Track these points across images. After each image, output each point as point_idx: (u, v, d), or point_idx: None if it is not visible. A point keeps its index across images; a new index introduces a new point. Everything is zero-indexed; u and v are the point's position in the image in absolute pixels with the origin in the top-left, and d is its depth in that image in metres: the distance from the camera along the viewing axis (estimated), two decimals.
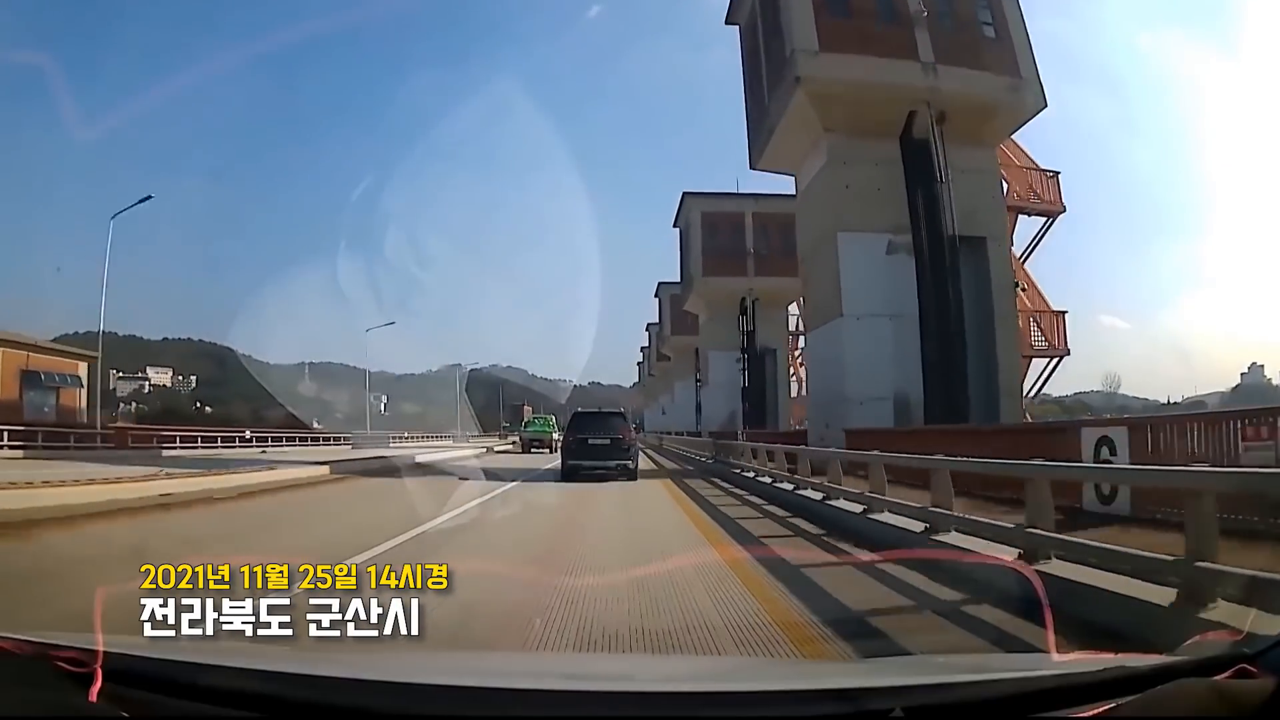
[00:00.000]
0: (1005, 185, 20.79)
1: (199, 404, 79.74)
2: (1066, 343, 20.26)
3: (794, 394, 40.93)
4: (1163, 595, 3.93)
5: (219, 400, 78.16)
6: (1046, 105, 19.66)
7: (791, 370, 40.95)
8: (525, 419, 51.32)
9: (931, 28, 18.85)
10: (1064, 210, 21.33)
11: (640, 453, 20.57)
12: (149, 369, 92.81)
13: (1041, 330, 20.72)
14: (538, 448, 32.12)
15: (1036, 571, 4.17)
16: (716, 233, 38.98)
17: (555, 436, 30.96)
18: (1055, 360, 20.36)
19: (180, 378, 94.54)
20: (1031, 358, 20.27)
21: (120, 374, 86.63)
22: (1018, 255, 21.38)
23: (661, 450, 37.44)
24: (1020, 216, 21.01)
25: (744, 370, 38.26)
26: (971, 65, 18.90)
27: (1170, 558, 4.08)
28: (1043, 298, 20.93)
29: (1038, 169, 21.72)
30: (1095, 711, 1.33)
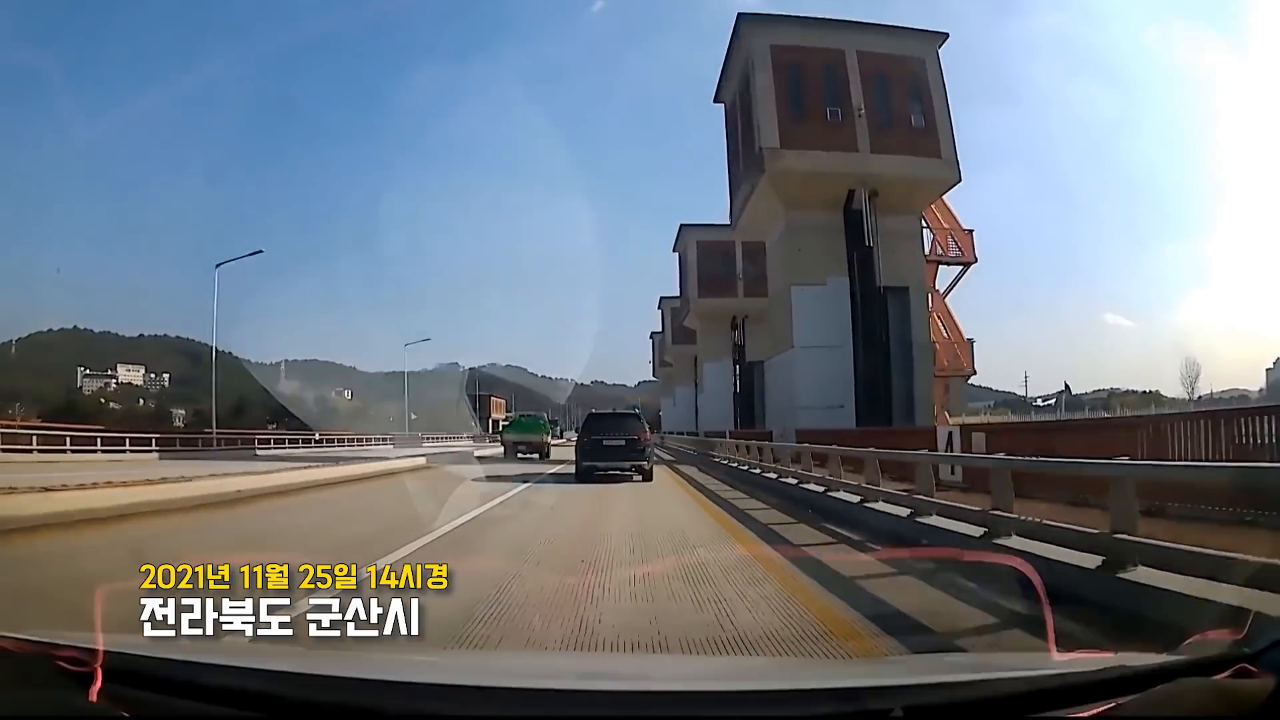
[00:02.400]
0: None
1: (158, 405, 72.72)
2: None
3: None
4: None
5: (190, 399, 71.81)
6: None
7: None
8: (505, 417, 46.34)
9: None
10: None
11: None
12: (120, 366, 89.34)
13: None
14: (525, 453, 25.52)
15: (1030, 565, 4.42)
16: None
17: (549, 439, 27.39)
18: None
19: (152, 376, 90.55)
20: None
21: (87, 371, 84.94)
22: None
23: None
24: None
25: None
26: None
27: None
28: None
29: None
30: (1095, 711, 1.34)
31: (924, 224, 26.29)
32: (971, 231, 27.35)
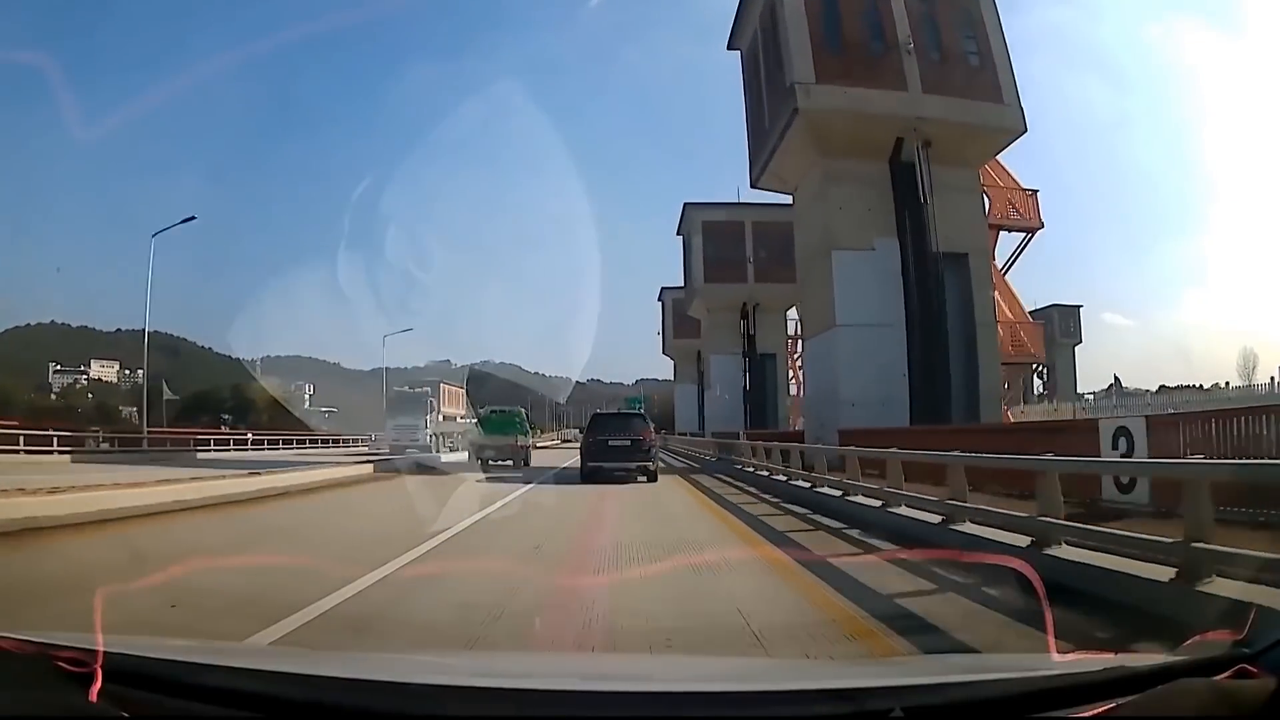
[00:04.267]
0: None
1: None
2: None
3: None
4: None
5: (158, 395, 74.25)
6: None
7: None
8: (461, 414, 37.98)
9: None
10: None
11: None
12: (94, 362, 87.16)
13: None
14: (496, 459, 21.00)
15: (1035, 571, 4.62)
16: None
17: (527, 442, 22.95)
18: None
19: (126, 372, 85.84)
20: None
21: (58, 367, 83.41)
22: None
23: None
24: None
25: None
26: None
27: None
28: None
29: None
30: (1095, 711, 1.33)
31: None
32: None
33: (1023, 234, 22.96)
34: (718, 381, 42.47)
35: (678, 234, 45.74)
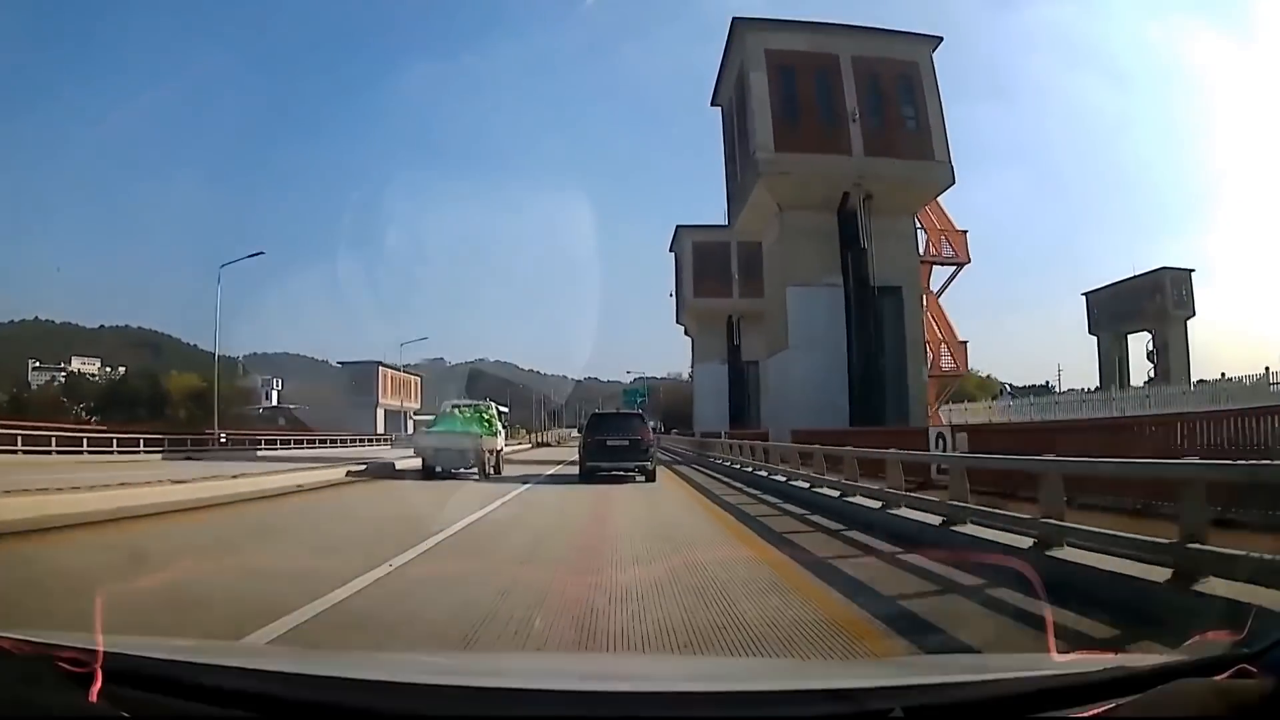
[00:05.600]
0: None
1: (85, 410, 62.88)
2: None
3: None
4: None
5: (135, 392, 68.55)
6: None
7: None
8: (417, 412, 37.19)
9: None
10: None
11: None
12: (75, 359, 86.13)
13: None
14: (451, 466, 16.87)
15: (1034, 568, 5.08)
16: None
17: (496, 446, 18.71)
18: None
19: (108, 369, 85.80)
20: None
21: (36, 364, 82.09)
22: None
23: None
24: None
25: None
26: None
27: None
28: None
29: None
30: (1095, 711, 1.34)
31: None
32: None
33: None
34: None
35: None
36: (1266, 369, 19.42)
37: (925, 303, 26.39)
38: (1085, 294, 51.98)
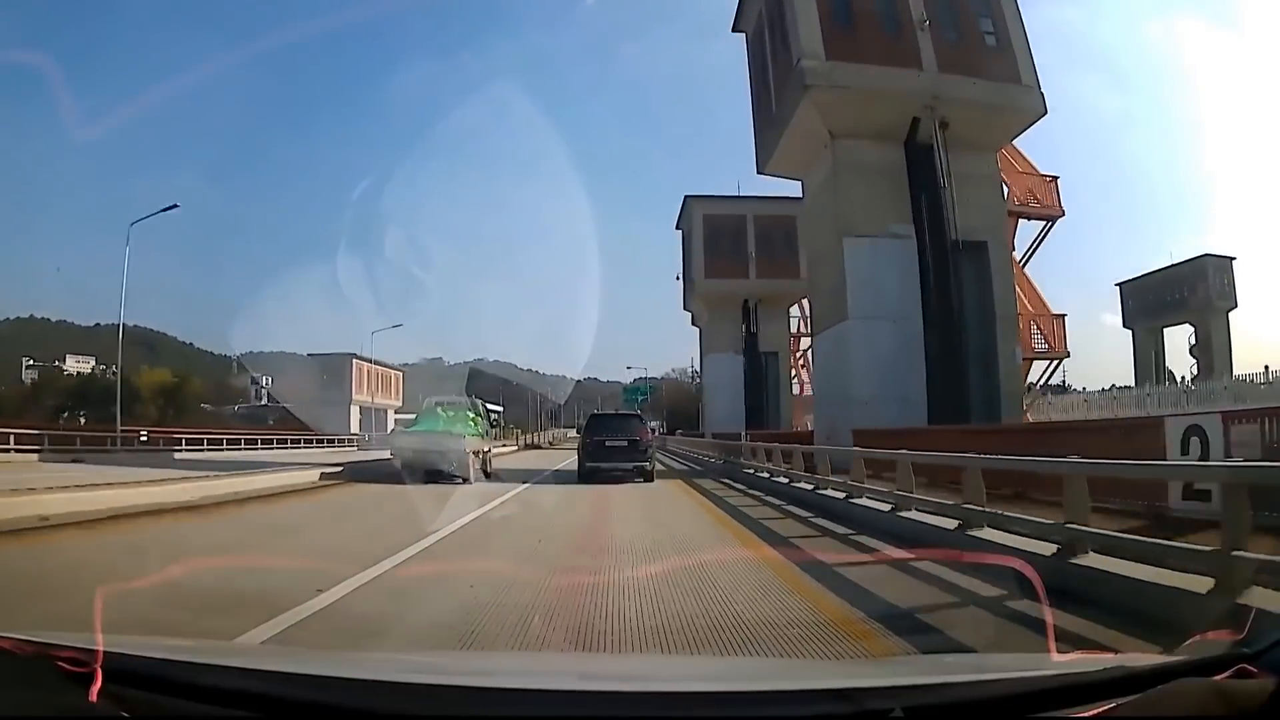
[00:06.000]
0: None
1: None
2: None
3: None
4: None
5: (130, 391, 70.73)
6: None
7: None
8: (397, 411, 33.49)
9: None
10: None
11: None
12: (69, 357, 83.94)
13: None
14: (430, 470, 14.45)
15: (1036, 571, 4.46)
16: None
17: (483, 447, 17.30)
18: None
19: (103, 367, 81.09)
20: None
21: (30, 362, 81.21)
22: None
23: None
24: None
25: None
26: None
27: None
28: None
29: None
30: (1095, 711, 1.33)
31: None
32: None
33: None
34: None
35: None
36: None
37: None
38: (1119, 284, 48.20)
